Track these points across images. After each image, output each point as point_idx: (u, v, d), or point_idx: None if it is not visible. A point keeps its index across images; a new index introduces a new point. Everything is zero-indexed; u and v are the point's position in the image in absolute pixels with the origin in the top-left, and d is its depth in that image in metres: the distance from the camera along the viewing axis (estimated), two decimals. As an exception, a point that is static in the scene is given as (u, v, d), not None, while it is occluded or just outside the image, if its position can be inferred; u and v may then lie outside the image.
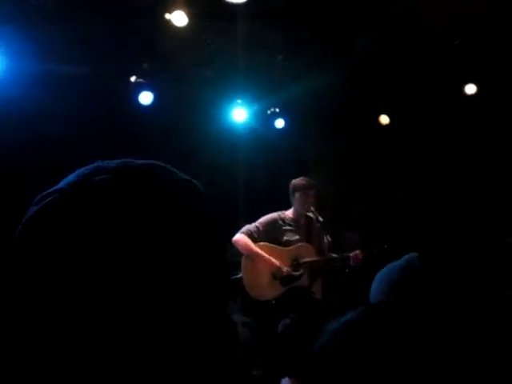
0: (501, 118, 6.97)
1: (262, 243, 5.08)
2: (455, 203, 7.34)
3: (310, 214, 5.21)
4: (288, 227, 5.18)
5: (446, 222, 7.24)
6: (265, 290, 5.04)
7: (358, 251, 5.16)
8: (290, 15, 5.57)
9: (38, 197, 0.69)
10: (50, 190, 0.69)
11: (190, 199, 0.71)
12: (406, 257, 1.89)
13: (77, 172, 0.71)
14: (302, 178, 5.24)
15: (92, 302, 0.62)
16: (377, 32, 5.96)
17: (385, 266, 1.94)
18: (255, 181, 6.60)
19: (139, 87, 6.40)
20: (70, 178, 0.70)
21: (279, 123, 7.35)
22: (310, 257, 5.15)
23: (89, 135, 5.69)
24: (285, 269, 5.03)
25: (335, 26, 5.74)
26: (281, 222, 5.18)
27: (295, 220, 5.22)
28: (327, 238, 5.17)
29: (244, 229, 5.09)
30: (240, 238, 5.04)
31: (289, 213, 5.23)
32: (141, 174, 0.70)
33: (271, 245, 5.10)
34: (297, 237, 5.17)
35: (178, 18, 5.43)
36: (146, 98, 6.42)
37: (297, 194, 5.16)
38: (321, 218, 5.16)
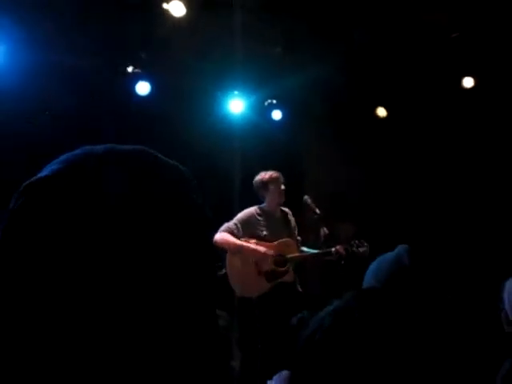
0: (498, 111, 6.97)
1: (243, 239, 5.07)
2: (451, 198, 7.36)
3: (285, 209, 5.27)
4: (265, 221, 5.18)
5: (439, 217, 7.26)
6: (251, 287, 5.02)
7: (338, 246, 5.16)
8: (287, 6, 5.55)
9: (22, 186, 0.66)
10: (35, 178, 0.66)
11: (178, 184, 0.70)
12: (396, 251, 1.91)
13: (62, 158, 0.68)
14: (265, 172, 5.23)
15: (84, 292, 0.61)
16: (374, 24, 5.94)
17: (376, 259, 1.96)
18: (251, 172, 6.59)
19: (136, 77, 6.38)
20: (57, 164, 0.68)
21: (276, 115, 7.33)
22: (292, 252, 5.14)
23: (86, 125, 5.67)
24: (271, 253, 5.02)
25: (332, 18, 5.73)
26: (258, 217, 5.18)
27: (271, 214, 5.22)
28: (324, 231, 5.17)
29: (223, 227, 5.05)
30: (221, 235, 4.99)
31: (264, 207, 5.23)
32: (129, 159, 0.69)
33: (253, 240, 5.09)
34: (274, 231, 5.17)
35: (176, 8, 5.41)
36: (143, 88, 6.40)
37: (271, 187, 5.15)
38: (318, 211, 5.17)
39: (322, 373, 0.88)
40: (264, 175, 5.21)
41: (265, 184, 5.17)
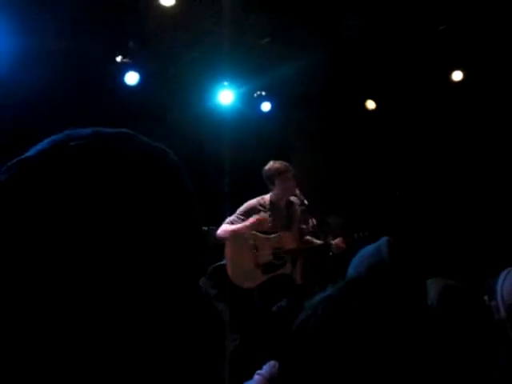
0: (487, 105, 7.00)
1: None
2: (439, 191, 7.40)
3: (292, 199, 5.17)
4: (268, 212, 5.12)
5: (427, 209, 7.30)
6: (247, 278, 5.00)
7: (339, 239, 5.10)
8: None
9: (5, 166, 0.65)
10: (19, 158, 0.66)
11: (164, 165, 0.70)
12: (377, 243, 1.90)
13: (46, 140, 0.68)
14: (274, 162, 5.08)
15: (68, 273, 0.60)
16: (363, 16, 5.94)
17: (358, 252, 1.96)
18: (240, 164, 6.59)
19: (125, 67, 6.34)
20: (40, 145, 0.67)
21: (265, 106, 7.32)
22: (290, 244, 5.10)
23: (74, 115, 5.63)
24: (267, 218, 4.96)
25: (321, 9, 5.71)
26: (261, 208, 5.11)
27: (275, 205, 5.16)
28: (312, 221, 5.15)
29: (226, 221, 5.05)
30: (222, 228, 5.01)
31: (268, 197, 5.15)
32: (114, 140, 0.69)
33: (252, 232, 5.07)
34: (278, 221, 5.14)
35: (166, -1, 5.38)
36: (131, 78, 6.36)
37: (277, 180, 5.03)
38: (306, 202, 5.14)
39: (315, 361, 0.88)
40: (270, 167, 5.05)
41: (270, 176, 5.05)
